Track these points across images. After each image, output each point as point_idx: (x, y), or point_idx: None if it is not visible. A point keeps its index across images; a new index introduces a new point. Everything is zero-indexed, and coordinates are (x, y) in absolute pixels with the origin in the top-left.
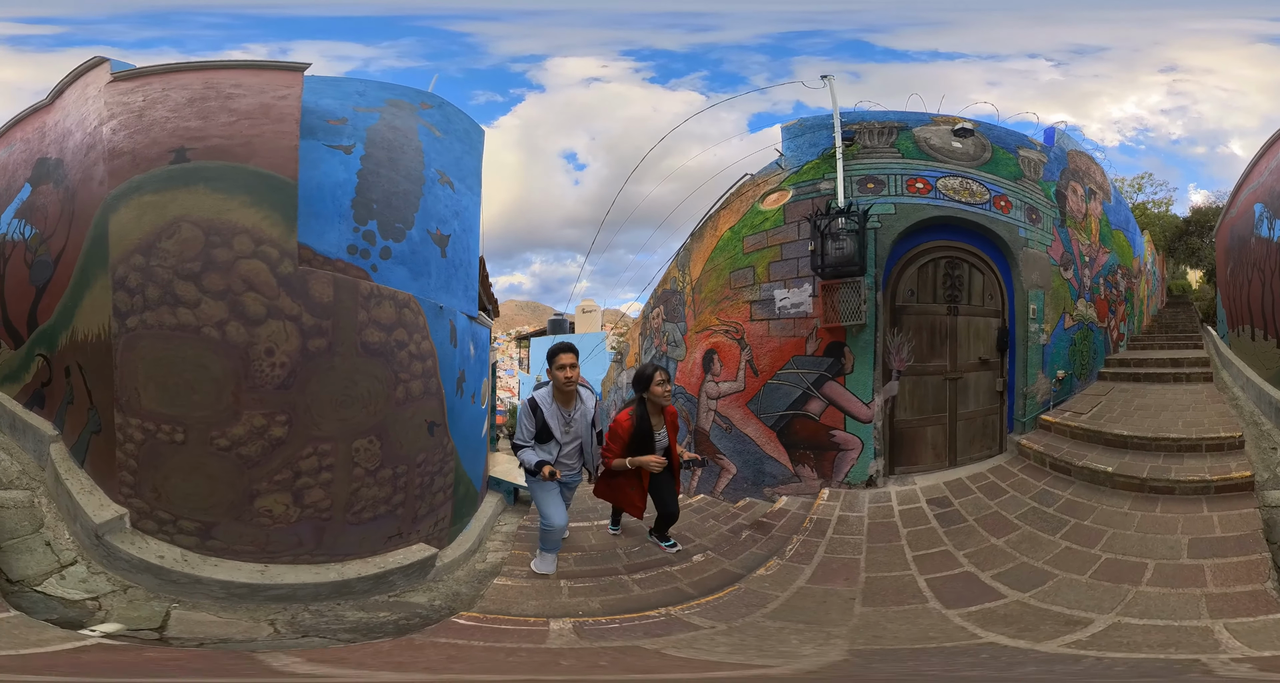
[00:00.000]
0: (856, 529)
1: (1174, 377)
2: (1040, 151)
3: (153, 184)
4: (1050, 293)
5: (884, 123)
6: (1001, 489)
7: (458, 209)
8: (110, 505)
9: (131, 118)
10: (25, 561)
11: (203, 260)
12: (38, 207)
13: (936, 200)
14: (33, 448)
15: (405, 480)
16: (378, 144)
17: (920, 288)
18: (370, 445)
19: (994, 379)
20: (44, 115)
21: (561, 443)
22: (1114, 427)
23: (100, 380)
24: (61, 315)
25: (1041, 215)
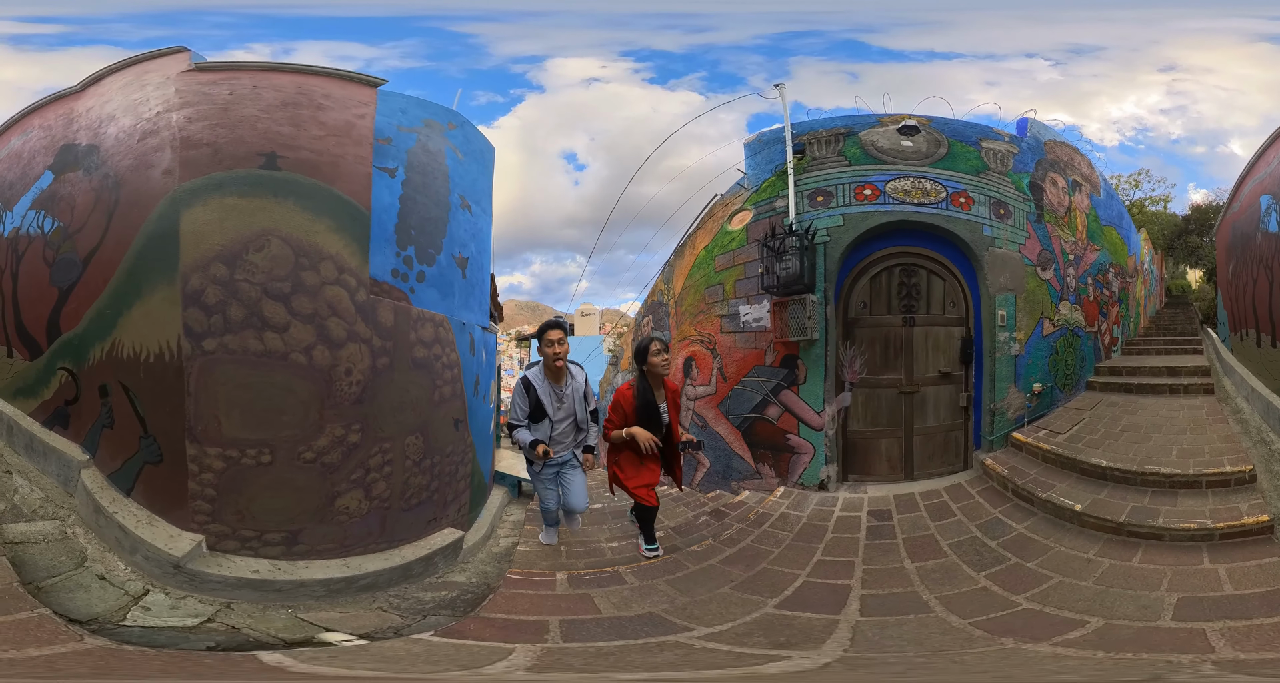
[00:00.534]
0: (790, 527)
1: (1170, 388)
2: (1009, 143)
3: (238, 185)
4: (1024, 296)
5: (831, 130)
6: (950, 511)
7: (475, 232)
8: (182, 535)
9: (215, 110)
10: (85, 598)
11: (292, 281)
12: (62, 196)
13: (885, 205)
14: (56, 472)
15: (439, 469)
16: (415, 168)
17: (873, 299)
18: (416, 441)
19: (956, 394)
20: (72, 102)
21: (554, 420)
22: (1093, 453)
23: (162, 407)
24: (95, 325)
25: (1012, 210)
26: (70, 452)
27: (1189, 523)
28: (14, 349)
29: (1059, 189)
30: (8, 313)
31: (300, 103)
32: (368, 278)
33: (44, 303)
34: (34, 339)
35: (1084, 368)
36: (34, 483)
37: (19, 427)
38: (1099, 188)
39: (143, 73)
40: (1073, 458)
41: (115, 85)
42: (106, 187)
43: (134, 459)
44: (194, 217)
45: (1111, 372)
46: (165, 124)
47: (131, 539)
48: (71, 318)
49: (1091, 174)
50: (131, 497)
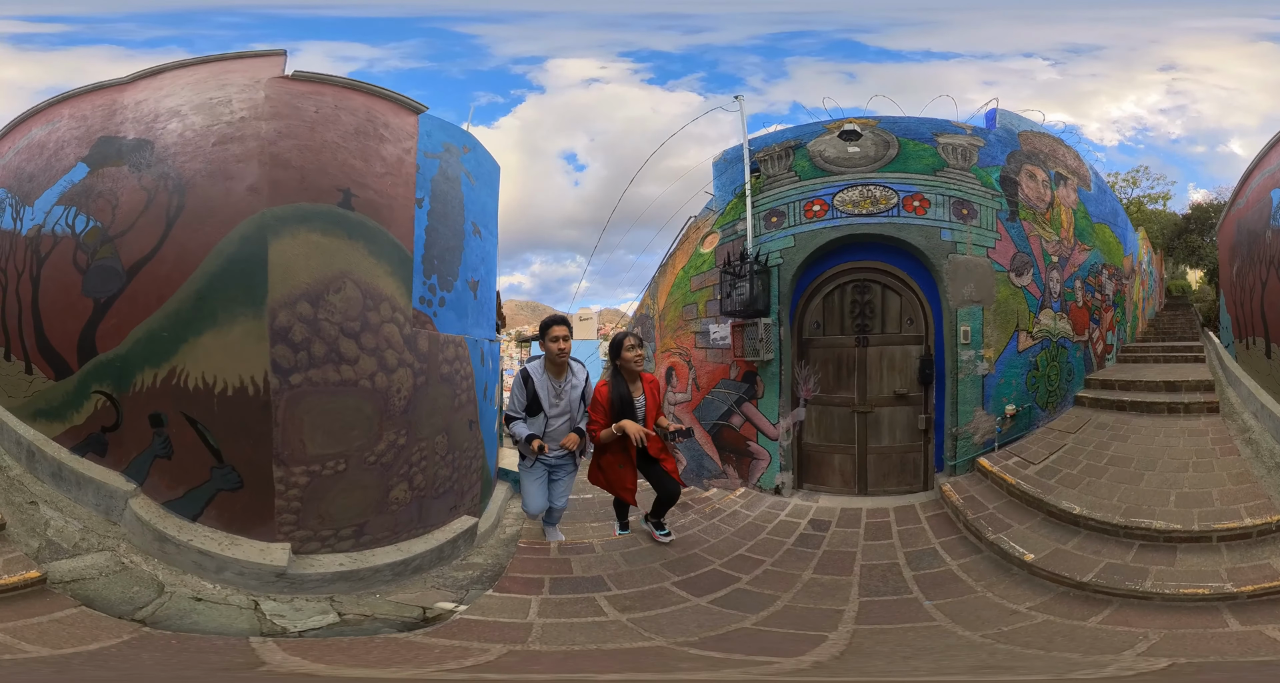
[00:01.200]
0: (735, 523)
1: (1169, 407)
2: (972, 136)
3: (321, 222)
4: (994, 308)
5: (782, 144)
6: (887, 533)
7: (484, 255)
8: (271, 546)
9: (303, 128)
10: (212, 616)
11: (361, 321)
12: (100, 192)
13: (834, 220)
14: (94, 502)
15: (459, 463)
16: (438, 197)
17: (826, 319)
18: (442, 440)
19: (914, 416)
20: (115, 93)
21: (549, 416)
22: (1066, 494)
23: (242, 440)
24: (144, 347)
25: (977, 209)
26: (112, 481)
27: (1197, 588)
28: (34, 365)
29: (1038, 183)
30: (25, 323)
31: (368, 131)
32: (411, 313)
33: (74, 315)
34: (61, 356)
35: (1072, 382)
36: (67, 514)
37: (43, 454)
38: (1089, 181)
39: (223, 72)
40: (1040, 498)
41: (181, 81)
42: (164, 188)
43: (203, 488)
44: (283, 249)
45: (1103, 386)
46: (252, 133)
47: (217, 560)
48: (111, 336)
49: (1080, 166)
50: (199, 521)
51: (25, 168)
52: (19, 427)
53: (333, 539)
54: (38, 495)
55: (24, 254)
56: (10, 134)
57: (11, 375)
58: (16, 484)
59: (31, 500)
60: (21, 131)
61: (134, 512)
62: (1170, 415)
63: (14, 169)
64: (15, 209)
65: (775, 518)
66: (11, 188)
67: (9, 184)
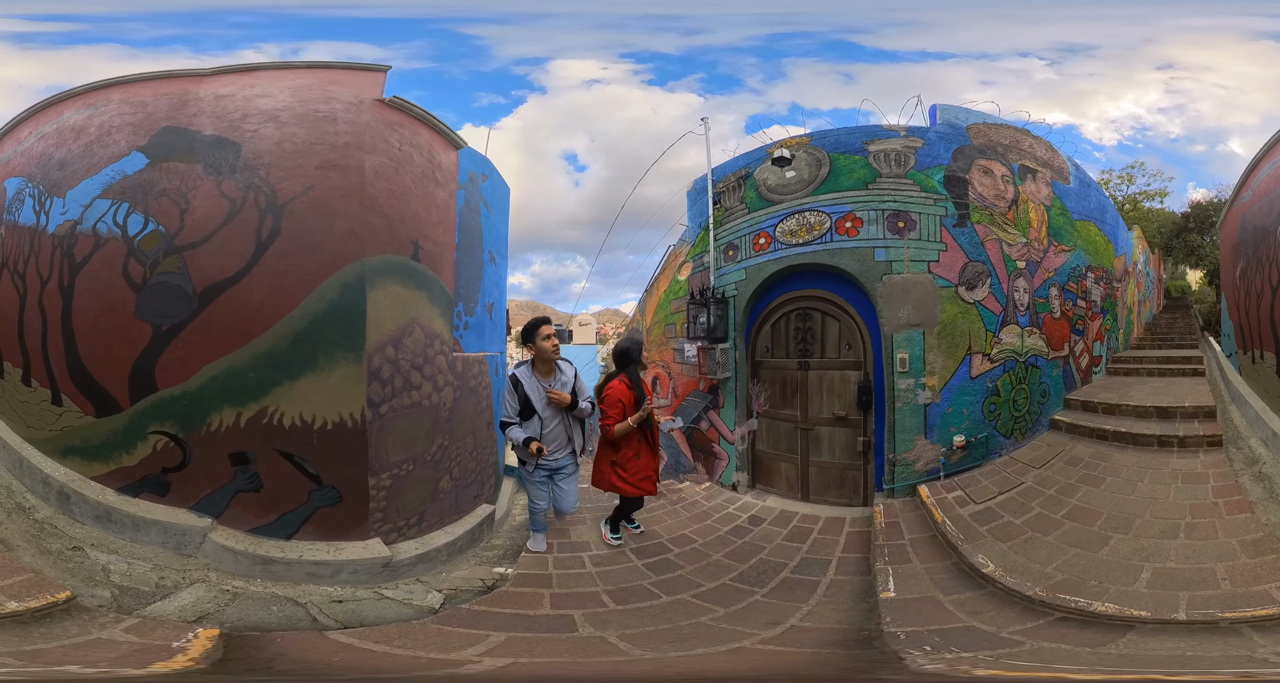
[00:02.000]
0: (691, 510)
1: (1160, 441)
2: (906, 138)
3: (401, 274)
4: (938, 330)
5: (736, 174)
6: (804, 536)
7: (498, 279)
8: (369, 543)
9: (391, 169)
10: (371, 612)
11: (424, 356)
12: (165, 190)
13: (775, 252)
14: (158, 541)
15: (481, 459)
16: (464, 231)
17: (775, 344)
18: (469, 440)
19: (853, 437)
20: (188, 83)
21: (543, 417)
22: (991, 546)
23: (341, 462)
24: (223, 387)
25: (916, 219)
26: (182, 520)
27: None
28: (64, 396)
29: (996, 178)
30: (53, 343)
31: (429, 174)
32: (452, 343)
33: (125, 342)
34: (105, 391)
35: (1047, 403)
36: (127, 556)
37: (83, 497)
38: (1065, 174)
39: (328, 81)
40: (955, 544)
41: (280, 83)
42: (255, 202)
43: (300, 510)
44: (377, 300)
45: (1085, 408)
46: (355, 165)
47: (331, 566)
48: (176, 370)
49: (1053, 158)
50: (294, 539)
51: (54, 154)
52: (45, 465)
53: (405, 527)
54: (79, 540)
55: (51, 256)
56: (31, 119)
57: (32, 404)
58: (48, 529)
59: (74, 546)
60: (47, 116)
61: (218, 543)
62: (1161, 450)
63: (37, 155)
64: (38, 200)
65: (724, 511)
66: (33, 176)
67: (29, 172)
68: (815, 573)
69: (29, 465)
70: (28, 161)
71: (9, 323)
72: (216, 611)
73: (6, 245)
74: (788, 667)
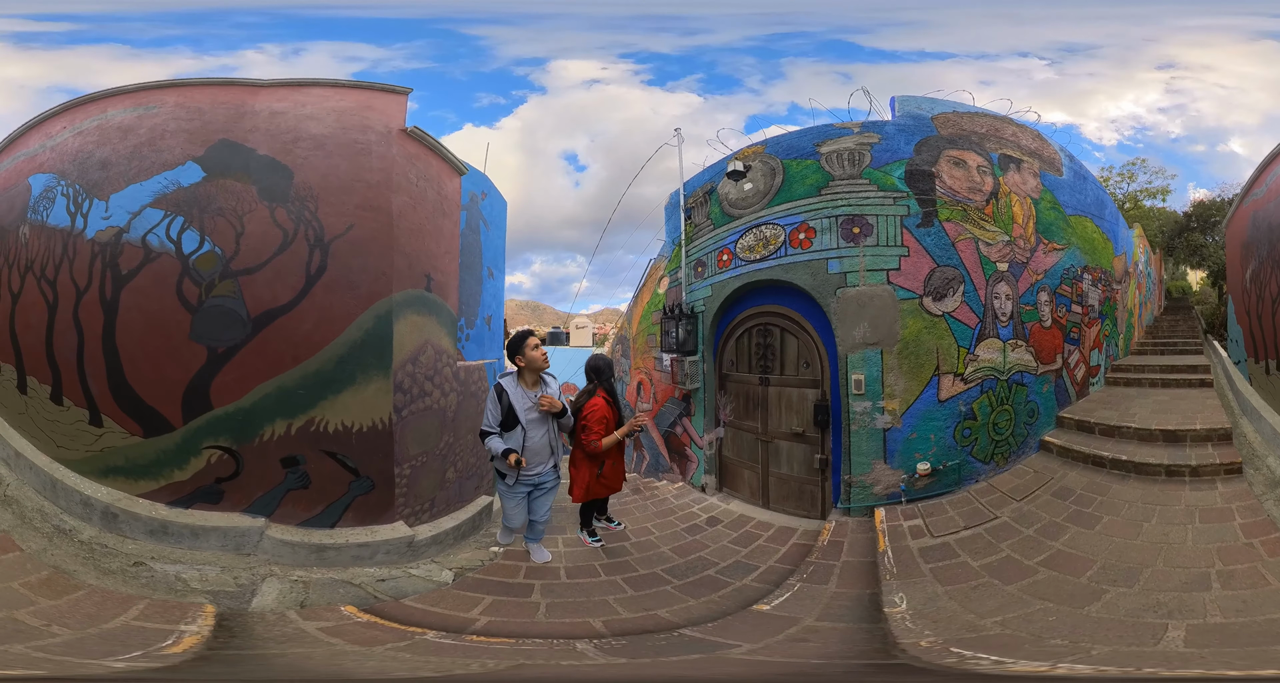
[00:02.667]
0: (660, 506)
1: (1168, 471)
2: (861, 133)
3: (416, 305)
4: (899, 348)
5: (703, 188)
6: (750, 542)
7: (495, 292)
8: (395, 526)
9: (410, 207)
10: (409, 584)
11: (434, 369)
12: (221, 209)
13: (736, 269)
14: (218, 545)
15: (480, 454)
16: (465, 250)
17: (739, 358)
18: (470, 437)
19: (810, 454)
20: (245, 93)
21: (527, 427)
22: (909, 602)
23: (374, 457)
24: (274, 402)
25: (873, 223)
26: (238, 522)
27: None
28: (106, 417)
29: (970, 170)
30: (92, 361)
31: (439, 207)
32: (456, 355)
33: (178, 363)
34: (155, 411)
35: (1036, 423)
36: (193, 564)
37: (132, 515)
38: (1058, 165)
39: (364, 107)
40: (881, 581)
41: (327, 104)
42: (305, 236)
43: (342, 499)
44: (400, 328)
45: (1080, 427)
46: (384, 205)
47: (371, 547)
48: (231, 390)
49: (1043, 147)
50: (338, 526)
51: (95, 152)
52: (84, 487)
53: (420, 512)
54: (136, 555)
55: (91, 264)
56: (66, 114)
57: (64, 423)
58: (99, 549)
59: (135, 562)
60: (86, 112)
61: (276, 539)
62: (1170, 482)
63: (72, 152)
64: (73, 200)
65: (688, 510)
66: (66, 174)
67: (62, 169)
68: (736, 577)
69: (64, 488)
70: (60, 158)
71: (35, 334)
72: (303, 599)
73: (32, 247)
74: (769, 675)
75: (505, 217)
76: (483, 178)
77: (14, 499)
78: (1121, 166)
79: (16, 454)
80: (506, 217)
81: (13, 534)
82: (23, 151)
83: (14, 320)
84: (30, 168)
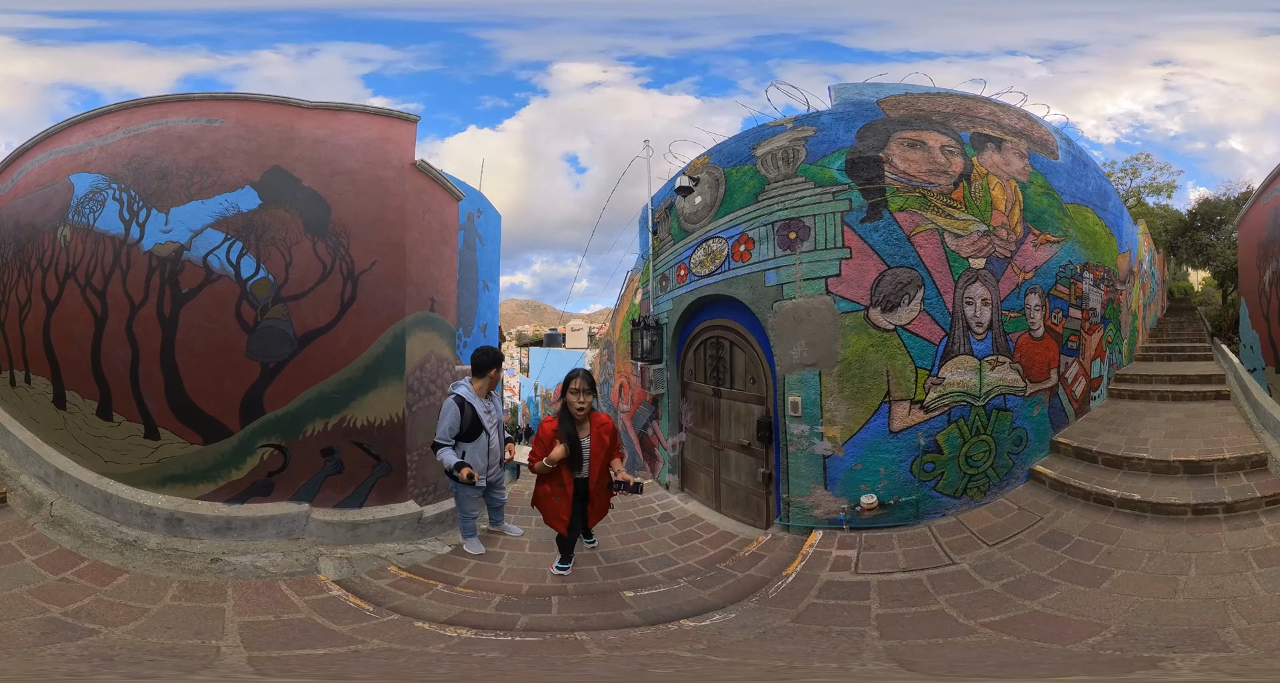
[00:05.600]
0: (623, 500)
1: (1195, 510)
2: (795, 128)
3: (423, 324)
4: (840, 370)
5: (665, 203)
6: (690, 540)
7: (490, 303)
8: (410, 503)
9: (418, 241)
10: (410, 559)
11: (437, 373)
12: (274, 240)
13: (690, 284)
14: (273, 533)
15: None
16: (463, 266)
17: (697, 368)
18: None
19: (755, 467)
20: (293, 115)
21: (490, 433)
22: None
23: (391, 444)
24: (314, 405)
25: (810, 223)
26: (287, 510)
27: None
28: (163, 429)
29: (931, 150)
30: (149, 378)
31: (441, 236)
32: (454, 360)
33: (236, 377)
34: (215, 420)
35: (1025, 451)
36: (259, 554)
37: (197, 517)
38: (1053, 148)
39: (385, 138)
40: (763, 602)
41: (356, 134)
42: (340, 270)
43: (367, 481)
44: (411, 343)
45: (1079, 455)
46: (397, 242)
47: (391, 522)
48: (280, 397)
49: (1031, 127)
50: (364, 506)
51: (153, 159)
52: (142, 497)
53: (425, 494)
54: (210, 553)
55: (148, 279)
56: (122, 113)
57: (114, 439)
58: (172, 554)
59: (213, 559)
60: (145, 114)
61: (320, 521)
62: (1200, 522)
63: (126, 155)
64: (127, 207)
65: (647, 505)
66: (119, 177)
67: (114, 172)
68: (654, 569)
69: (119, 501)
70: (111, 159)
71: (78, 347)
72: (353, 572)
73: (75, 251)
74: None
75: (500, 230)
76: (479, 196)
77: (64, 519)
78: (1124, 162)
79: (58, 472)
80: (501, 229)
81: (82, 552)
82: (64, 147)
83: (49, 330)
84: (73, 166)
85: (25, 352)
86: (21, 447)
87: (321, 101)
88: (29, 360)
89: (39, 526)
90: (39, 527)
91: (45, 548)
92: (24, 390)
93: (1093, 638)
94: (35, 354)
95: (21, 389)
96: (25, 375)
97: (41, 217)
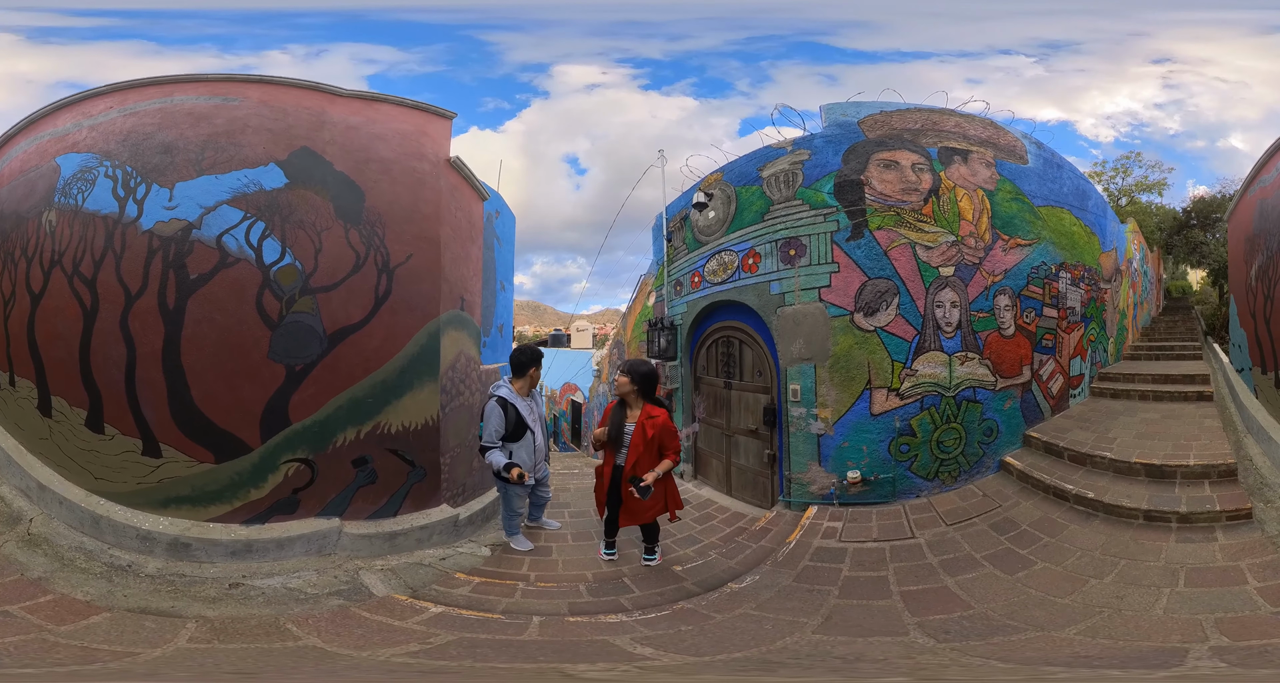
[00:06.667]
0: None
1: (1147, 516)
2: (794, 152)
3: (455, 322)
4: (831, 363)
5: (680, 214)
6: (708, 521)
7: (506, 303)
8: (444, 507)
9: (451, 238)
10: (455, 563)
11: (466, 373)
12: (302, 223)
13: (704, 290)
14: (302, 551)
15: None
16: (485, 268)
17: (709, 365)
18: None
19: (762, 449)
20: (325, 101)
21: (534, 431)
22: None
23: (425, 449)
24: (346, 412)
25: (806, 244)
26: (315, 527)
27: None
28: (162, 445)
29: (903, 169)
30: (149, 385)
31: (470, 235)
32: (478, 360)
33: (256, 383)
34: (230, 435)
35: (996, 442)
36: (286, 574)
37: (208, 541)
38: (1021, 153)
39: (421, 132)
40: (761, 561)
41: (393, 124)
42: (375, 261)
43: (402, 489)
44: (445, 342)
45: (1047, 450)
46: (432, 236)
47: (429, 529)
48: (308, 405)
49: (998, 135)
50: (399, 514)
51: (154, 134)
52: (139, 520)
53: (457, 496)
54: (226, 577)
55: (147, 262)
56: (115, 94)
57: (107, 454)
58: (177, 581)
59: (231, 584)
60: (141, 94)
61: (354, 534)
62: (1150, 529)
63: (121, 132)
64: (123, 184)
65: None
66: (112, 154)
67: (106, 149)
68: (685, 547)
69: (112, 524)
70: (104, 137)
71: (64, 346)
72: (402, 584)
73: (61, 236)
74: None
75: (514, 232)
76: (496, 197)
77: (43, 538)
78: (1115, 161)
79: (40, 486)
80: (515, 231)
81: (53, 581)
82: (49, 131)
83: (34, 326)
84: (59, 148)
85: (10, 351)
86: (3, 455)
87: (356, 90)
88: (14, 361)
89: (9, 545)
90: (8, 546)
91: (3, 574)
92: (9, 394)
93: (942, 616)
94: (20, 354)
95: (6, 392)
96: (10, 378)
97: (25, 203)
